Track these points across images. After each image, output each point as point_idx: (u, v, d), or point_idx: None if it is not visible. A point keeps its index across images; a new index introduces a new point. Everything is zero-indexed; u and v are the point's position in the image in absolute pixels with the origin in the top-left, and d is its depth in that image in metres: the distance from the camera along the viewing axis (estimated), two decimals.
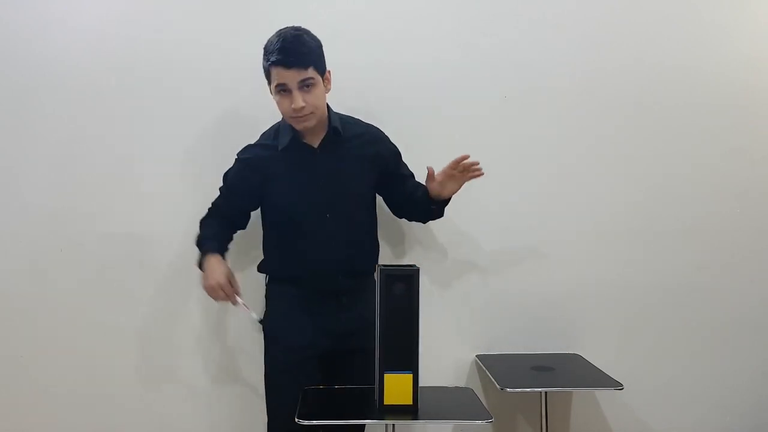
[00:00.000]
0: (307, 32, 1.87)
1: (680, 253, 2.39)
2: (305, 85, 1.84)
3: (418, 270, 1.75)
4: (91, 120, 2.24)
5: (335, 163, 1.96)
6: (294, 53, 1.81)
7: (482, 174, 1.93)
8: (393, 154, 2.10)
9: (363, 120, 2.08)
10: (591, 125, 2.36)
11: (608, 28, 2.35)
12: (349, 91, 2.24)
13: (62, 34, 2.22)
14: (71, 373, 2.28)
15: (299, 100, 1.83)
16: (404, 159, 2.13)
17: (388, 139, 2.09)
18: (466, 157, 1.90)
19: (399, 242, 2.34)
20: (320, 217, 1.94)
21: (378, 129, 2.08)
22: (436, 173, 1.95)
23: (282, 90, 1.85)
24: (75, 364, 2.28)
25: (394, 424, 1.79)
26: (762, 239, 2.42)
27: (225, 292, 1.90)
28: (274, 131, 2.00)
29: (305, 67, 1.82)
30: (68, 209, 2.25)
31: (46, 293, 2.26)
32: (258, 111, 2.25)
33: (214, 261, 1.94)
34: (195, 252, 2.23)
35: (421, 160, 2.22)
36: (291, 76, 1.82)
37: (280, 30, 1.87)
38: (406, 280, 1.73)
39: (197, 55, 2.24)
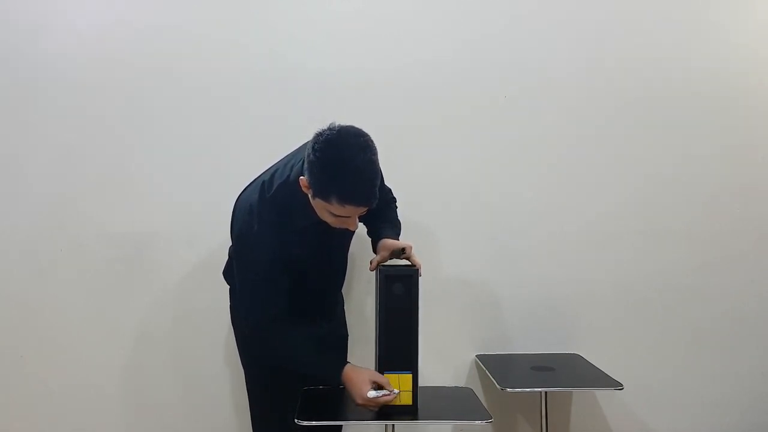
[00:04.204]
0: (371, 148, 1.59)
1: (680, 253, 2.39)
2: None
3: (417, 270, 1.76)
4: (92, 120, 2.24)
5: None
6: (372, 195, 1.59)
7: None
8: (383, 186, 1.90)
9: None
10: (591, 125, 2.36)
11: (608, 27, 2.35)
12: (348, 91, 2.25)
13: (62, 32, 2.22)
14: (72, 372, 2.28)
15: (356, 225, 1.70)
16: (404, 160, 2.12)
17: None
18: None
19: None
20: (324, 263, 1.88)
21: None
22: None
23: (338, 216, 1.65)
24: (75, 364, 2.28)
25: (393, 425, 1.80)
26: (762, 239, 2.42)
27: (375, 402, 1.69)
28: (288, 211, 1.71)
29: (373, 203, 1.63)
30: (68, 209, 2.25)
31: (47, 293, 2.26)
32: (259, 111, 2.26)
33: (347, 375, 1.72)
34: (196, 253, 2.26)
35: (421, 160, 2.23)
36: (357, 212, 1.64)
37: (349, 149, 1.56)
38: (405, 280, 1.73)
39: (198, 55, 2.24)
